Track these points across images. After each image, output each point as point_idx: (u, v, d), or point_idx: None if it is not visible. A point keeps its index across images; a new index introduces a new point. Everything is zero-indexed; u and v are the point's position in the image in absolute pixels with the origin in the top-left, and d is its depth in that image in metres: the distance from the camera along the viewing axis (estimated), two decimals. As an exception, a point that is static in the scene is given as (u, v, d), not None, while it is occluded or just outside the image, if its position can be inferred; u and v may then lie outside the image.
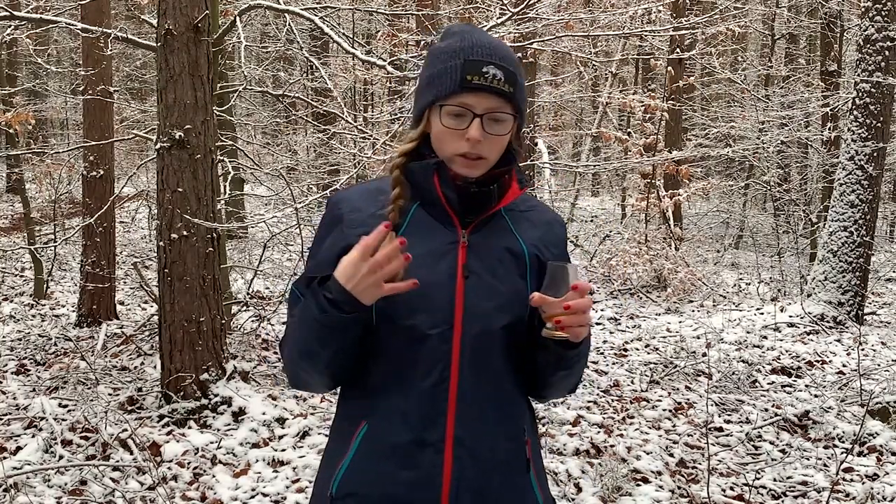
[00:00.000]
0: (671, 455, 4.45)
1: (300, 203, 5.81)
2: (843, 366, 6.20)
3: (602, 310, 8.58)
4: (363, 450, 1.46)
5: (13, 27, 7.11)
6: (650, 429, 4.85)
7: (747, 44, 18.49)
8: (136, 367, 5.84)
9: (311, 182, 13.10)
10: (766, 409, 5.21)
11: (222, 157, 6.48)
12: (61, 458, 4.16)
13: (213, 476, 4.07)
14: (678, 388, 5.66)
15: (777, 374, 6.03)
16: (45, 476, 3.93)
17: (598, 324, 7.85)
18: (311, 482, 3.99)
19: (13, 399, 5.16)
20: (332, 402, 5.13)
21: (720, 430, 4.86)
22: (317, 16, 5.57)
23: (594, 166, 12.69)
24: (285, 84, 11.63)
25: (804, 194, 13.78)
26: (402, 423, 1.44)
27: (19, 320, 7.50)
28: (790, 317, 7.50)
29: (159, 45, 4.69)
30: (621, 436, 4.71)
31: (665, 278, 10.10)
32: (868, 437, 4.63)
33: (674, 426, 4.91)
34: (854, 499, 3.94)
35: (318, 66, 6.31)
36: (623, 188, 16.46)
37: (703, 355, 6.21)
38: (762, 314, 7.81)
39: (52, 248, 9.09)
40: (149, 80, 15.56)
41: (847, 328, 7.34)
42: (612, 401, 5.34)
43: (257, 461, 4.25)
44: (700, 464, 4.30)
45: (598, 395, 5.46)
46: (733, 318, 7.74)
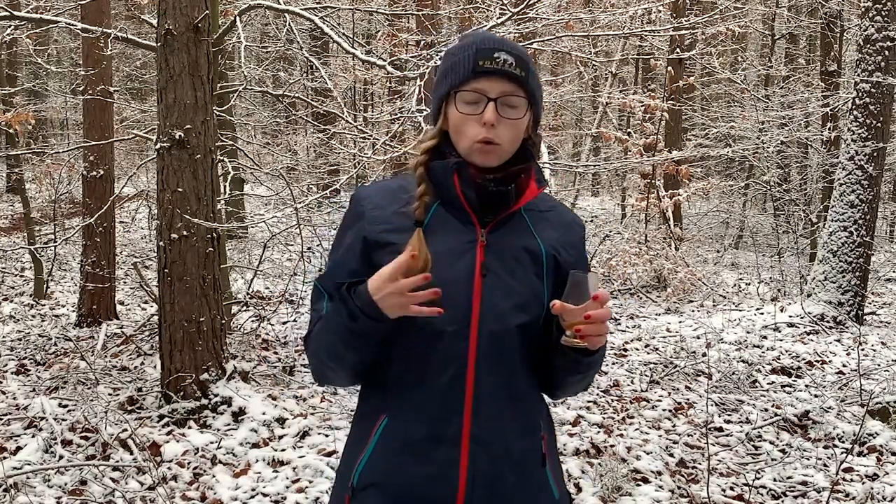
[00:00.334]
0: (671, 455, 4.45)
1: (300, 203, 5.80)
2: (843, 366, 6.20)
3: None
4: (382, 443, 1.50)
5: (13, 27, 7.11)
6: (650, 429, 4.85)
7: (747, 44, 18.49)
8: (136, 367, 5.84)
9: (311, 182, 13.10)
10: (766, 409, 5.21)
11: (222, 157, 6.48)
12: (61, 458, 4.16)
13: (213, 476, 4.07)
14: (678, 388, 5.66)
15: (777, 374, 6.03)
16: (45, 476, 3.93)
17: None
18: (310, 482, 3.99)
19: (13, 399, 5.16)
20: (331, 401, 5.13)
21: (720, 430, 4.86)
22: (317, 16, 5.57)
23: (594, 166, 12.68)
24: (285, 84, 11.63)
25: (804, 194, 13.78)
26: (419, 418, 1.48)
27: (19, 320, 7.50)
28: (790, 317, 7.50)
29: (159, 45, 4.69)
30: (621, 436, 4.71)
31: (665, 278, 10.10)
32: (868, 437, 4.63)
33: (674, 426, 4.91)
34: (854, 499, 3.94)
35: (318, 66, 6.31)
36: (623, 188, 16.46)
37: (703, 355, 6.21)
38: (762, 314, 7.80)
39: (52, 248, 9.09)
40: (149, 80, 15.56)
41: (847, 328, 7.34)
42: (612, 401, 5.34)
43: (257, 461, 4.25)
44: (700, 464, 4.30)
45: (598, 395, 5.46)
46: (733, 318, 7.74)
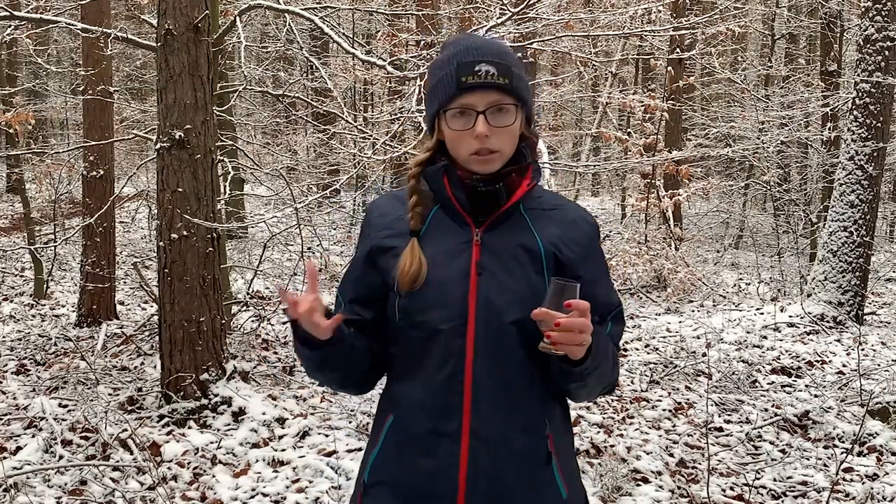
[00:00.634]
0: (671, 455, 4.45)
1: (300, 203, 5.80)
2: (843, 366, 6.20)
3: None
4: (390, 440, 1.56)
5: (13, 27, 7.11)
6: (650, 429, 4.85)
7: (747, 44, 18.49)
8: (136, 367, 5.84)
9: (311, 182, 13.10)
10: (766, 409, 5.21)
11: (222, 157, 6.48)
12: (61, 458, 4.16)
13: (213, 476, 4.07)
14: (678, 388, 5.66)
15: (777, 374, 6.03)
16: (45, 476, 3.93)
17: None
18: (310, 482, 4.00)
19: (13, 399, 5.17)
20: (332, 401, 5.13)
21: (720, 430, 4.86)
22: (317, 16, 5.57)
23: (594, 166, 12.68)
24: (285, 84, 11.62)
25: (804, 194, 13.77)
26: (421, 414, 1.52)
27: (19, 320, 7.50)
28: (790, 317, 7.49)
29: (159, 45, 4.69)
30: (621, 436, 4.71)
31: (665, 278, 10.10)
32: (868, 437, 4.63)
33: (674, 426, 4.91)
34: (854, 499, 3.94)
35: (318, 66, 6.31)
36: (623, 188, 16.45)
37: (703, 355, 6.21)
38: (762, 314, 7.80)
39: (52, 248, 9.09)
40: (149, 80, 15.55)
41: (847, 328, 7.33)
42: (611, 401, 5.34)
43: (257, 461, 4.25)
44: (700, 464, 4.30)
45: (598, 395, 5.45)
46: (733, 318, 7.74)
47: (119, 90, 12.28)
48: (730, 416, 5.12)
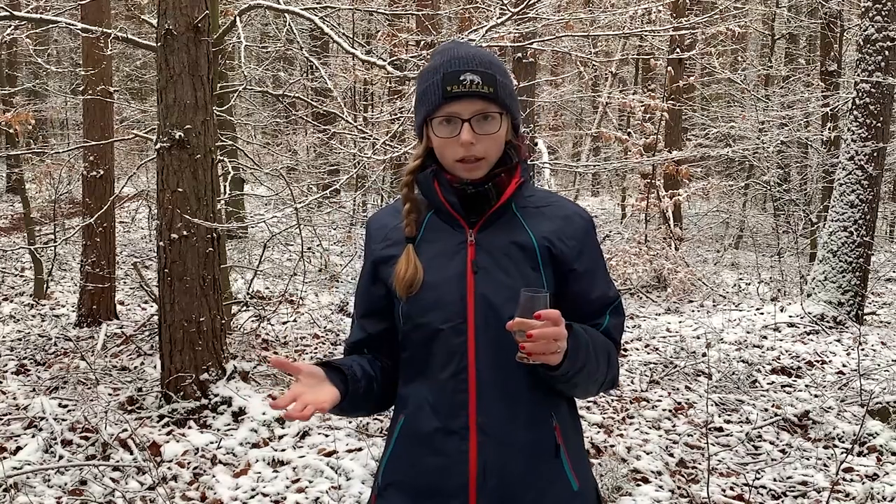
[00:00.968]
0: (671, 455, 4.45)
1: (300, 203, 5.80)
2: (843, 366, 6.20)
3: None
4: (401, 441, 1.60)
5: (13, 27, 7.11)
6: (650, 429, 4.85)
7: (747, 44, 18.49)
8: (136, 367, 5.84)
9: (311, 182, 13.11)
10: (766, 409, 5.20)
11: (222, 157, 6.48)
12: (61, 458, 4.16)
13: (213, 476, 4.07)
14: (678, 388, 5.66)
15: (777, 374, 6.03)
16: (45, 476, 3.93)
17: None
18: (310, 482, 4.00)
19: (13, 399, 5.16)
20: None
21: (720, 430, 4.86)
22: (317, 16, 5.57)
23: (594, 166, 12.69)
24: (285, 84, 11.63)
25: (804, 194, 13.78)
26: (429, 413, 1.56)
27: (19, 320, 7.50)
28: (790, 317, 7.49)
29: (159, 45, 4.69)
30: (621, 436, 4.71)
31: (665, 278, 10.10)
32: (868, 437, 4.63)
33: (674, 426, 4.91)
34: (854, 499, 3.94)
35: (318, 66, 6.31)
36: (623, 188, 16.46)
37: (703, 355, 6.21)
38: (762, 314, 7.80)
39: (52, 248, 9.09)
40: (149, 80, 15.56)
41: (847, 328, 7.33)
42: (611, 401, 5.34)
43: (257, 461, 4.25)
44: (700, 464, 4.30)
45: (599, 395, 5.45)
46: (733, 318, 7.74)
47: (119, 90, 12.28)
48: (730, 416, 5.12)
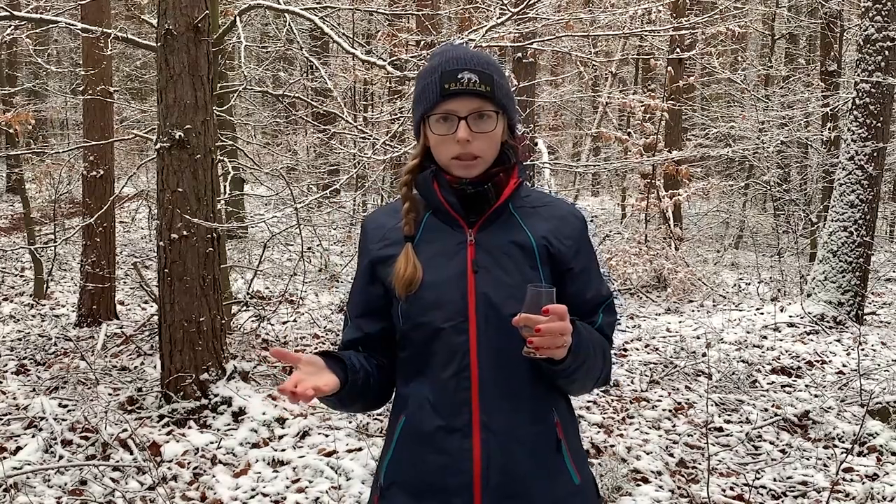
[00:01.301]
0: (671, 455, 4.45)
1: (300, 203, 5.80)
2: (843, 366, 6.20)
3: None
4: (402, 440, 1.60)
5: (13, 27, 7.11)
6: (650, 429, 4.85)
7: (747, 44, 18.49)
8: (136, 367, 5.84)
9: (311, 182, 13.10)
10: (766, 409, 5.20)
11: (222, 157, 6.48)
12: (61, 458, 4.16)
13: (213, 476, 4.07)
14: (678, 388, 5.66)
15: (777, 374, 6.03)
16: (45, 476, 3.93)
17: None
18: (310, 482, 4.00)
19: (13, 399, 5.16)
20: (332, 402, 5.12)
21: (720, 430, 4.86)
22: (317, 16, 5.57)
23: (594, 166, 12.69)
24: (285, 84, 11.62)
25: (804, 194, 13.78)
26: (431, 412, 1.56)
27: (19, 320, 7.50)
28: (790, 317, 7.49)
29: (159, 45, 4.69)
30: (621, 436, 4.70)
31: (665, 278, 10.10)
32: (868, 437, 4.63)
33: (674, 426, 4.91)
34: (854, 499, 3.94)
35: (318, 66, 6.31)
36: (623, 188, 16.46)
37: (703, 355, 6.21)
38: (762, 314, 7.80)
39: (52, 248, 9.09)
40: (149, 80, 15.56)
41: (847, 328, 7.33)
42: (612, 401, 5.34)
43: (257, 461, 4.25)
44: (700, 464, 4.30)
45: (597, 395, 5.45)
46: (733, 318, 7.74)
47: (119, 90, 12.28)
48: (730, 416, 5.12)
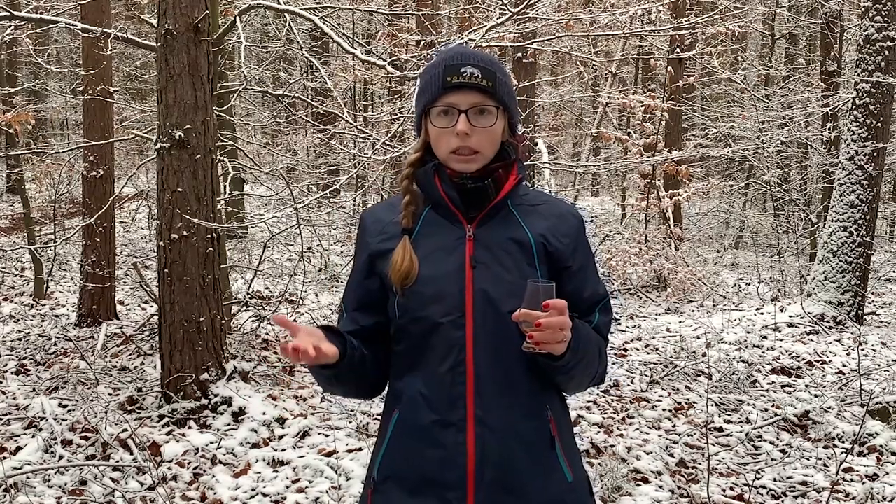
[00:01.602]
0: (671, 455, 4.45)
1: (300, 203, 5.81)
2: (843, 366, 6.20)
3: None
4: (396, 435, 1.60)
5: (13, 27, 7.11)
6: (650, 429, 4.85)
7: (747, 44, 18.48)
8: (136, 367, 5.84)
9: (311, 182, 13.11)
10: (766, 409, 5.20)
11: (222, 157, 6.48)
12: (61, 458, 4.16)
13: (213, 476, 4.07)
14: (678, 388, 5.66)
15: (777, 374, 6.03)
16: (45, 476, 3.93)
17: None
18: (310, 482, 4.00)
19: (13, 399, 5.16)
20: (332, 401, 5.13)
21: (720, 430, 4.86)
22: (317, 16, 5.57)
23: (594, 166, 12.69)
24: (285, 84, 11.63)
25: (804, 194, 13.78)
26: (425, 406, 1.57)
27: (19, 320, 7.50)
28: (790, 317, 7.49)
29: (159, 45, 4.69)
30: (621, 436, 4.71)
31: (665, 278, 10.10)
32: (868, 437, 4.63)
33: (674, 426, 4.91)
34: (854, 499, 3.94)
35: (318, 66, 6.31)
36: (623, 188, 16.44)
37: (703, 355, 6.21)
38: (762, 314, 7.80)
39: (52, 248, 9.09)
40: (149, 80, 15.55)
41: (847, 328, 7.33)
42: (611, 401, 5.34)
43: (257, 461, 4.25)
44: (700, 464, 4.30)
45: (597, 395, 5.46)
46: (733, 318, 7.74)
47: (119, 90, 12.28)
48: (730, 416, 5.12)
